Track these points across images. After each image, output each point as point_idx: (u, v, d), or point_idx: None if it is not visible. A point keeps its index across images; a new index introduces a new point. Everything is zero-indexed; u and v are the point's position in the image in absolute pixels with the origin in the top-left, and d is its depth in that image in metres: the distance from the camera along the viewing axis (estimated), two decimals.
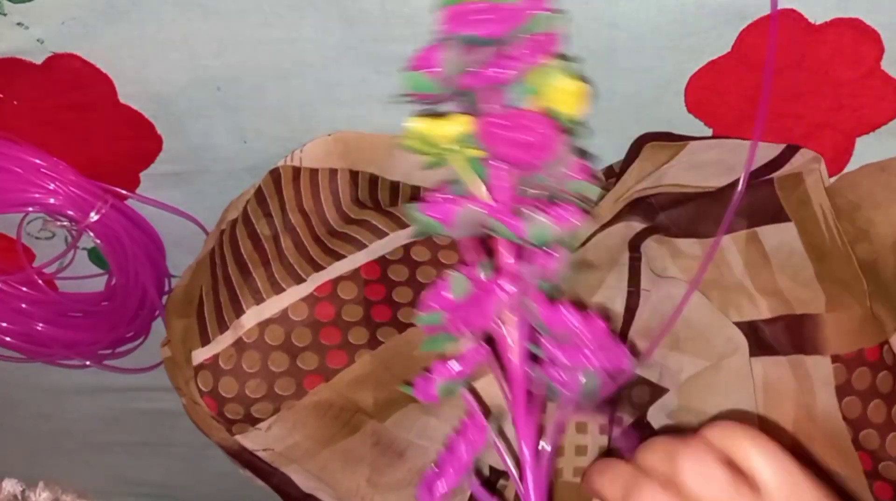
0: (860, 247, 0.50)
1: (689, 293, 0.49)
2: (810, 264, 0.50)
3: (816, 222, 0.50)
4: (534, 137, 0.38)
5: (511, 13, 0.40)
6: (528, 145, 0.38)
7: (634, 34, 0.48)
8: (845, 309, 0.49)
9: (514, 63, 0.40)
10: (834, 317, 0.49)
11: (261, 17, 0.49)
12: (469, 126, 0.39)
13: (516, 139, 0.38)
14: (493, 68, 0.40)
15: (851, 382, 0.49)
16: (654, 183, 0.52)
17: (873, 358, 0.49)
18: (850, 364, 0.49)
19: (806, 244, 0.50)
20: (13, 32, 0.51)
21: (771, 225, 0.50)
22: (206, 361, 0.48)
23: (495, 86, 0.40)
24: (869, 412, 0.48)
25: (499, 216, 0.39)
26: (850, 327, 0.49)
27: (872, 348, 0.49)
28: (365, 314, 0.49)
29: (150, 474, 0.92)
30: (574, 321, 0.39)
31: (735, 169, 0.51)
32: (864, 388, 0.49)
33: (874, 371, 0.49)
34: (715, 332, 0.49)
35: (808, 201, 0.50)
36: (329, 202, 0.53)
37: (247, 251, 0.51)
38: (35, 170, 0.59)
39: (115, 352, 0.73)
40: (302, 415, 0.49)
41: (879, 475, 0.48)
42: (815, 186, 0.51)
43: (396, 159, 0.56)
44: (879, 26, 0.47)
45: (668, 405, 0.50)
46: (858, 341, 0.49)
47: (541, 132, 0.38)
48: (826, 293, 0.49)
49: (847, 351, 0.49)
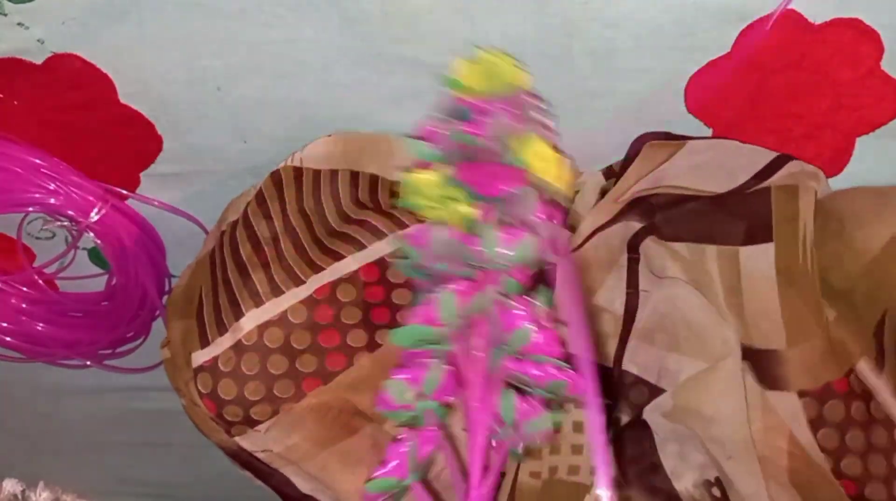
0: (834, 273, 0.50)
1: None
2: (777, 292, 0.49)
3: (795, 242, 0.50)
4: (495, 172, 0.42)
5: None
6: (490, 176, 0.42)
7: (634, 34, 0.48)
8: (806, 342, 0.49)
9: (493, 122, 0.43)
10: (795, 353, 0.49)
11: (261, 18, 0.49)
12: (449, 171, 0.42)
13: (481, 173, 0.42)
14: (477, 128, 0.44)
15: (824, 415, 0.48)
16: (654, 184, 0.52)
17: (842, 389, 0.49)
18: (820, 398, 0.48)
19: (779, 266, 0.50)
20: (13, 32, 0.51)
21: (752, 246, 0.50)
22: (205, 363, 0.48)
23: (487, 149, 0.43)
24: (848, 442, 0.48)
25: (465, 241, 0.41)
26: (813, 361, 0.49)
27: (839, 379, 0.49)
28: (364, 317, 0.49)
29: (150, 473, 0.92)
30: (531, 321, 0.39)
31: (734, 174, 0.51)
32: (840, 420, 0.48)
33: (846, 402, 0.49)
34: (711, 333, 0.49)
35: (795, 217, 0.50)
36: (330, 203, 0.53)
37: (246, 254, 0.51)
38: (35, 170, 0.59)
39: (116, 352, 0.73)
40: (301, 417, 0.49)
41: (866, 499, 0.48)
42: (806, 206, 0.50)
43: (397, 159, 0.56)
44: (879, 26, 0.47)
45: (662, 405, 0.50)
46: (823, 375, 0.49)
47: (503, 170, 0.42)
48: (787, 327, 0.49)
49: (814, 386, 0.49)
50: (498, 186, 0.41)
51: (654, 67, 0.50)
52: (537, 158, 0.43)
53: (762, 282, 0.49)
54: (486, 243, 0.40)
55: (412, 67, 0.51)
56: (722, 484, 0.50)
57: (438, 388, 0.40)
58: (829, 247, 0.51)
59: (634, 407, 0.50)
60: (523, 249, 0.40)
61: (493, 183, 0.41)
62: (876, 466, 0.48)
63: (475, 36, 0.49)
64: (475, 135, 0.43)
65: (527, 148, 0.43)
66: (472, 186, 0.42)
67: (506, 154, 0.43)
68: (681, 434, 0.50)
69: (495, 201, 0.42)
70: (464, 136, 0.44)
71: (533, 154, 0.43)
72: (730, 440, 0.48)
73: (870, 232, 0.50)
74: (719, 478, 0.50)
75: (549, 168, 0.43)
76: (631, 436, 0.50)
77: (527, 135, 0.43)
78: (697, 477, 0.50)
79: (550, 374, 0.39)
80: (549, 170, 0.43)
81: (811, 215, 0.50)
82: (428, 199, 0.43)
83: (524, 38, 0.48)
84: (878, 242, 0.50)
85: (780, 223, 0.50)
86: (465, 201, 0.43)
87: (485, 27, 0.48)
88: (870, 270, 0.50)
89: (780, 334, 0.49)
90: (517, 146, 0.43)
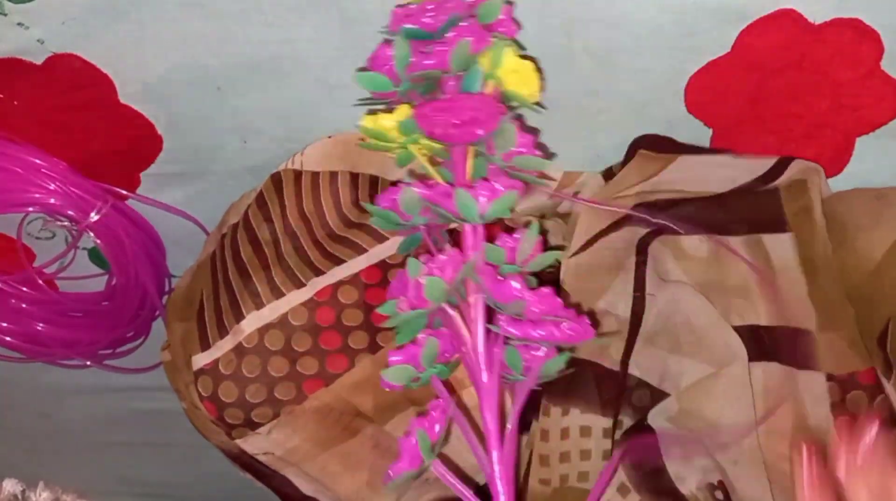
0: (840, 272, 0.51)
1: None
2: (804, 280, 0.50)
3: (814, 234, 0.50)
4: (467, 116, 0.40)
5: (456, 5, 0.41)
6: (462, 124, 0.40)
7: (634, 34, 0.48)
8: (836, 330, 0.49)
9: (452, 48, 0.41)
10: (825, 337, 0.49)
11: (261, 17, 0.49)
12: (407, 113, 0.41)
13: (450, 120, 0.40)
14: (436, 58, 0.41)
15: (846, 402, 0.48)
16: (653, 188, 0.52)
17: (867, 381, 0.49)
18: (845, 386, 0.48)
19: (801, 257, 0.50)
20: (14, 33, 0.51)
21: (771, 234, 0.50)
22: (206, 366, 0.48)
23: (448, 76, 0.41)
24: None
25: (436, 197, 0.40)
26: (841, 348, 0.49)
27: (865, 370, 0.49)
28: (365, 319, 0.49)
29: (150, 473, 0.93)
30: (524, 294, 0.39)
31: (734, 178, 0.51)
32: (861, 411, 0.48)
33: (870, 395, 0.48)
34: (715, 336, 0.49)
35: (810, 209, 0.50)
36: (330, 205, 0.53)
37: (247, 256, 0.51)
38: (35, 170, 0.59)
39: (116, 352, 0.73)
40: (302, 419, 0.49)
41: None
42: (816, 195, 0.51)
43: None
44: (879, 26, 0.47)
45: (668, 409, 0.50)
46: (850, 363, 0.49)
47: (475, 111, 0.40)
48: (817, 312, 0.49)
49: (840, 372, 0.49)
50: (473, 130, 0.40)
51: (654, 67, 0.50)
52: (510, 73, 0.41)
53: (788, 268, 0.50)
54: (460, 202, 0.39)
55: None
56: (725, 487, 0.50)
57: (438, 356, 0.41)
58: (837, 246, 0.51)
59: (637, 410, 0.50)
60: (504, 202, 0.39)
61: (465, 129, 0.40)
62: None
63: None
64: (436, 67, 0.41)
65: (498, 64, 0.41)
66: (438, 134, 0.40)
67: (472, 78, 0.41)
68: (685, 439, 0.50)
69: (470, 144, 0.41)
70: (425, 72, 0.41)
71: (505, 70, 0.41)
72: (735, 445, 0.48)
73: (871, 238, 0.50)
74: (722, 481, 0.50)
75: (523, 79, 0.41)
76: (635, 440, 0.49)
77: (495, 49, 0.41)
78: (701, 480, 0.50)
79: (550, 333, 0.39)
80: (522, 81, 0.41)
81: (821, 208, 0.51)
82: (392, 143, 0.42)
83: (524, 38, 0.48)
84: (879, 248, 0.50)
85: (795, 215, 0.50)
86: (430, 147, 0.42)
87: None
88: (872, 277, 0.50)
89: (811, 317, 0.49)
90: (487, 64, 0.41)
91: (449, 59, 0.41)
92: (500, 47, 0.41)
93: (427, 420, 0.40)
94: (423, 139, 0.42)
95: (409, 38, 0.41)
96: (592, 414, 0.49)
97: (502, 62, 0.41)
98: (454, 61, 0.41)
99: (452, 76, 0.41)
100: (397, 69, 0.41)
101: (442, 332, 0.41)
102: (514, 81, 0.41)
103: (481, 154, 0.41)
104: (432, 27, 0.41)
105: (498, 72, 0.41)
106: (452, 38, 0.41)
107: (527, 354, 0.40)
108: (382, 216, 0.42)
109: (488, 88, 0.42)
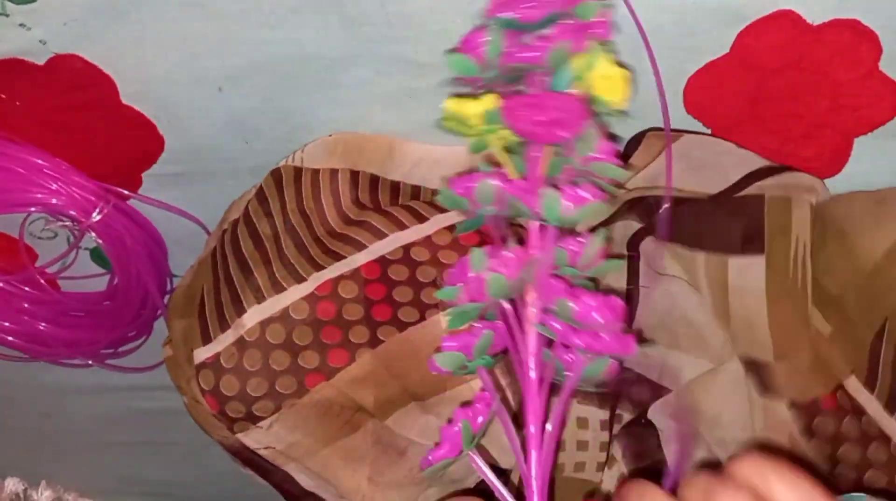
0: (830, 278, 0.50)
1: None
2: (765, 306, 0.49)
3: (787, 257, 0.49)
4: (554, 116, 0.39)
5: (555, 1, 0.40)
6: (547, 124, 0.39)
7: (634, 34, 0.48)
8: (793, 357, 0.49)
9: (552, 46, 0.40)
10: (782, 366, 0.48)
11: (261, 18, 0.50)
12: (494, 104, 0.40)
13: (536, 118, 0.39)
14: (532, 52, 0.41)
15: (813, 428, 0.48)
16: (652, 183, 0.52)
17: (829, 406, 0.48)
18: (809, 412, 0.48)
19: (768, 280, 0.49)
20: (15, 33, 0.51)
21: (742, 257, 0.50)
22: (207, 359, 0.48)
23: (537, 71, 0.41)
24: (840, 455, 0.48)
25: (515, 192, 0.40)
26: (800, 374, 0.48)
27: (827, 396, 0.49)
28: (365, 313, 0.49)
29: (152, 473, 0.93)
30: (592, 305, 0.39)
31: (727, 174, 0.51)
32: (830, 434, 0.48)
33: (836, 419, 0.48)
34: (711, 332, 0.49)
35: (787, 231, 0.50)
36: (330, 203, 0.53)
37: (248, 251, 0.51)
38: (37, 170, 0.60)
39: (118, 352, 0.73)
40: (303, 414, 0.49)
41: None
42: (799, 220, 0.50)
43: (397, 160, 0.56)
44: (878, 27, 0.47)
45: (668, 405, 0.50)
46: (811, 389, 0.48)
47: (562, 112, 0.39)
48: (774, 340, 0.49)
49: (801, 399, 0.48)
50: (557, 131, 0.39)
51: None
52: (601, 78, 0.40)
53: (750, 294, 0.49)
54: (546, 202, 0.39)
55: (412, 67, 0.52)
56: None
57: (489, 349, 0.41)
58: (828, 251, 0.51)
59: (636, 405, 0.50)
60: (587, 211, 0.39)
61: (550, 129, 0.39)
62: (876, 481, 0.48)
63: None
64: (529, 61, 0.40)
65: (591, 68, 0.40)
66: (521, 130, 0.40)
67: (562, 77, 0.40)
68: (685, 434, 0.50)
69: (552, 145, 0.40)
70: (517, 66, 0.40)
71: (597, 76, 0.40)
72: (734, 441, 0.48)
73: (871, 240, 0.50)
74: None
75: (613, 86, 0.41)
76: (635, 434, 0.50)
77: (591, 52, 0.40)
78: None
79: (590, 343, 0.39)
80: (611, 88, 0.41)
81: (805, 227, 0.50)
82: (471, 129, 0.41)
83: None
84: (879, 250, 0.50)
85: (772, 236, 0.50)
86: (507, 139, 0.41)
87: None
88: (871, 278, 0.50)
89: (767, 346, 0.49)
90: (580, 67, 0.40)
91: (546, 57, 0.40)
92: (597, 51, 0.40)
93: (471, 410, 0.40)
94: (503, 131, 0.41)
95: (504, 28, 0.41)
96: (589, 406, 0.49)
97: (596, 66, 0.40)
98: (552, 60, 0.40)
99: (542, 72, 0.41)
100: (488, 56, 0.41)
101: (495, 324, 0.41)
102: (603, 87, 0.41)
103: (560, 155, 0.41)
104: (532, 19, 0.40)
105: (589, 75, 0.41)
106: (551, 34, 0.40)
107: (570, 356, 0.40)
108: (452, 201, 0.41)
109: (576, 90, 0.41)
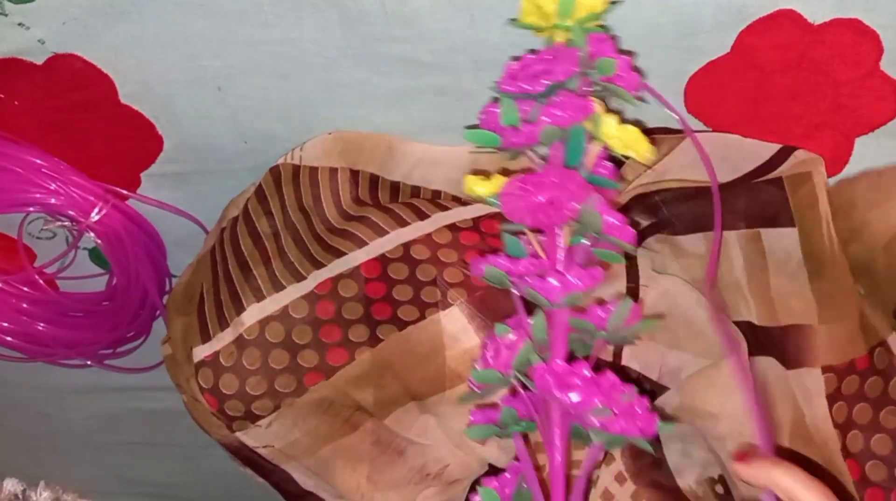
0: (853, 247, 0.50)
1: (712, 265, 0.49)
2: (806, 273, 0.49)
3: (819, 227, 0.50)
4: (548, 197, 0.41)
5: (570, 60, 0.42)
6: (540, 207, 0.41)
7: (634, 34, 0.48)
8: (838, 321, 0.49)
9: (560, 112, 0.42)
10: (826, 329, 0.49)
11: (261, 17, 0.50)
12: (501, 184, 0.42)
13: (531, 202, 0.41)
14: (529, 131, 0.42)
15: (841, 389, 0.48)
16: (657, 178, 0.52)
17: (863, 366, 0.49)
18: (841, 374, 0.48)
19: (805, 252, 0.50)
20: (14, 33, 0.51)
21: (774, 229, 0.50)
22: (206, 358, 0.48)
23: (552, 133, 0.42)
24: (854, 415, 0.48)
25: (515, 272, 0.42)
26: (842, 338, 0.49)
27: (863, 356, 0.49)
28: (365, 312, 0.49)
29: (150, 473, 0.93)
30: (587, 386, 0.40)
31: (738, 165, 0.51)
32: (852, 393, 0.48)
33: (863, 378, 0.48)
34: (712, 331, 0.49)
35: (815, 202, 0.50)
36: (329, 201, 0.53)
37: (247, 249, 0.51)
38: (36, 170, 0.60)
39: (116, 352, 0.73)
40: (302, 412, 0.49)
41: (869, 480, 0.48)
42: (821, 187, 0.51)
43: (396, 159, 0.56)
44: (878, 27, 0.47)
45: (669, 403, 0.50)
46: (849, 352, 0.48)
47: (557, 192, 0.40)
48: (819, 305, 0.49)
49: (838, 362, 0.48)
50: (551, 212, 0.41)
51: (654, 67, 0.50)
52: (612, 138, 0.42)
53: (789, 262, 0.49)
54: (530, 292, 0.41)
55: (412, 67, 0.51)
56: (725, 481, 0.50)
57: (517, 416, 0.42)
58: (847, 222, 0.51)
59: None
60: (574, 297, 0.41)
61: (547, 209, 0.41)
62: (879, 445, 0.48)
63: (475, 36, 0.49)
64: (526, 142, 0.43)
65: (598, 132, 0.42)
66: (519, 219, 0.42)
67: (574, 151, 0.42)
68: (685, 432, 0.50)
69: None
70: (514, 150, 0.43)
71: (608, 135, 0.42)
72: (734, 437, 0.48)
73: (885, 211, 0.50)
74: (723, 476, 0.50)
75: (628, 143, 0.42)
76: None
77: (594, 119, 0.42)
78: (700, 474, 0.50)
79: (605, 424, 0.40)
80: (628, 145, 0.42)
81: (826, 198, 0.50)
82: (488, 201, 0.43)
83: (525, 39, 0.48)
84: (893, 221, 0.50)
85: (800, 209, 0.50)
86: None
87: (485, 27, 0.48)
88: (885, 251, 0.49)
89: (811, 311, 0.49)
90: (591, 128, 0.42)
91: (539, 136, 0.42)
92: (598, 119, 0.42)
93: (499, 481, 0.42)
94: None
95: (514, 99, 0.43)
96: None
97: (602, 131, 0.42)
98: (543, 138, 0.42)
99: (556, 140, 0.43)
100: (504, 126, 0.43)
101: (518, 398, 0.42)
102: (618, 146, 0.42)
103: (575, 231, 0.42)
104: (534, 91, 0.42)
105: (602, 136, 0.42)
106: (555, 102, 0.42)
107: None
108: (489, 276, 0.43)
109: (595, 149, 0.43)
